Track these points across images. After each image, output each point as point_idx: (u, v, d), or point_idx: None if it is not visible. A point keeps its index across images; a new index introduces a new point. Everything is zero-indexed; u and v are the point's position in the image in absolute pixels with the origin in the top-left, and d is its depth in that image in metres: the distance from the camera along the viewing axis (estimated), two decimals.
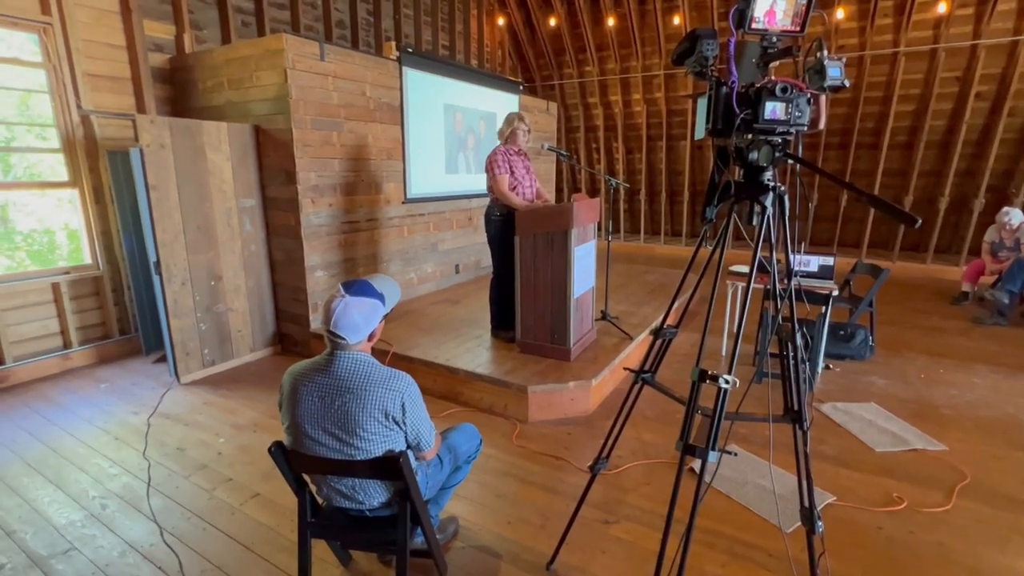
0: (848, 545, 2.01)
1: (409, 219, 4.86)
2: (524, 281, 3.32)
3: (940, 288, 6.19)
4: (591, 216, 3.43)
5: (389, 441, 1.42)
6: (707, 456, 1.16)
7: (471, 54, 7.85)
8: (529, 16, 8.32)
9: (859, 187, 1.10)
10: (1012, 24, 5.96)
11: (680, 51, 1.19)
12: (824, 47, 1.08)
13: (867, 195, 1.04)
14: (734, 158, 1.20)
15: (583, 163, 9.50)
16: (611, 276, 5.42)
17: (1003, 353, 4.07)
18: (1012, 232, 5.22)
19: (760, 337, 3.51)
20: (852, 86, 6.99)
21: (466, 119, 5.45)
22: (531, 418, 2.98)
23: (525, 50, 8.84)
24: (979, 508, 2.21)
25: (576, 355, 3.35)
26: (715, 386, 1.14)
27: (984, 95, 6.48)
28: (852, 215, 7.78)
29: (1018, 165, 6.71)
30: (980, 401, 3.24)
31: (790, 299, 1.22)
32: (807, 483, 1.32)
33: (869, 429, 2.87)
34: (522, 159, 3.58)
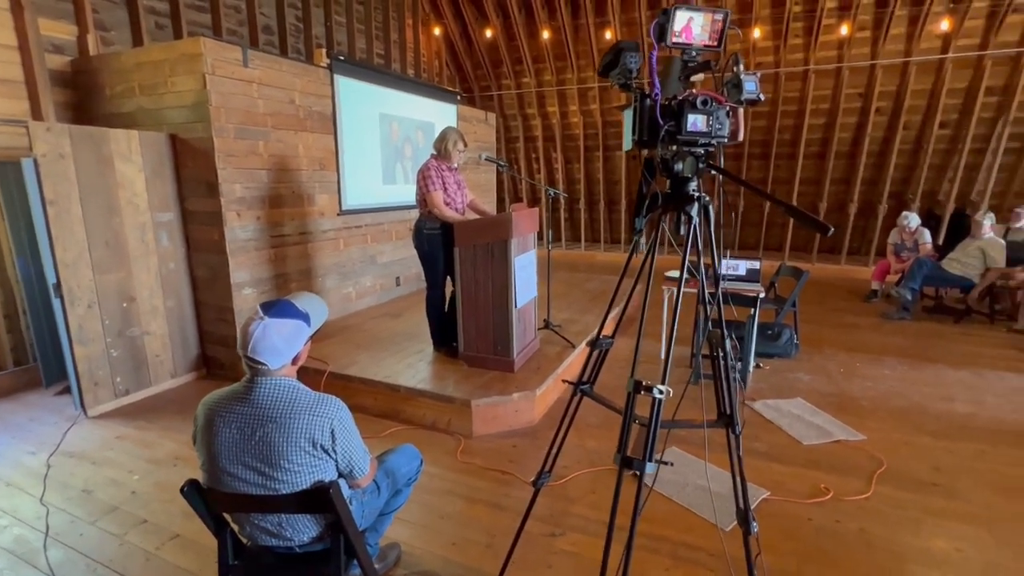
0: (782, 538, 2.08)
1: (345, 231, 4.69)
2: (465, 293, 3.27)
3: (854, 287, 6.70)
4: (530, 226, 3.44)
5: (318, 471, 1.33)
6: (644, 468, 1.16)
7: (407, 63, 7.75)
8: (465, 27, 8.34)
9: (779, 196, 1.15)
10: (903, 47, 6.60)
11: (605, 63, 1.20)
12: (740, 62, 1.12)
13: (785, 205, 1.09)
14: (660, 169, 1.22)
15: (523, 173, 9.59)
16: (553, 285, 5.47)
17: (909, 346, 4.44)
18: (911, 234, 5.73)
19: (695, 340, 3.63)
20: (770, 100, 7.48)
21: (403, 129, 5.36)
22: (476, 432, 2.92)
23: (462, 60, 8.84)
24: (895, 493, 2.37)
25: (520, 365, 3.33)
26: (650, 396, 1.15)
27: (883, 110, 7.12)
28: (775, 220, 8.29)
29: (913, 174, 7.41)
30: (891, 391, 3.50)
31: (718, 304, 1.25)
32: (741, 485, 1.35)
33: (797, 424, 3.03)
34: (454, 174, 3.54)
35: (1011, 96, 6.45)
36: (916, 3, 6.25)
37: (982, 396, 3.41)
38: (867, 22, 6.59)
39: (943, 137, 7.05)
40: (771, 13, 6.88)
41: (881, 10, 6.42)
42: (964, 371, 3.85)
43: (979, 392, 3.48)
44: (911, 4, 6.29)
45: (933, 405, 3.28)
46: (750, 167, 8.13)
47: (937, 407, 3.26)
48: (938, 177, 7.38)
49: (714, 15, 1.12)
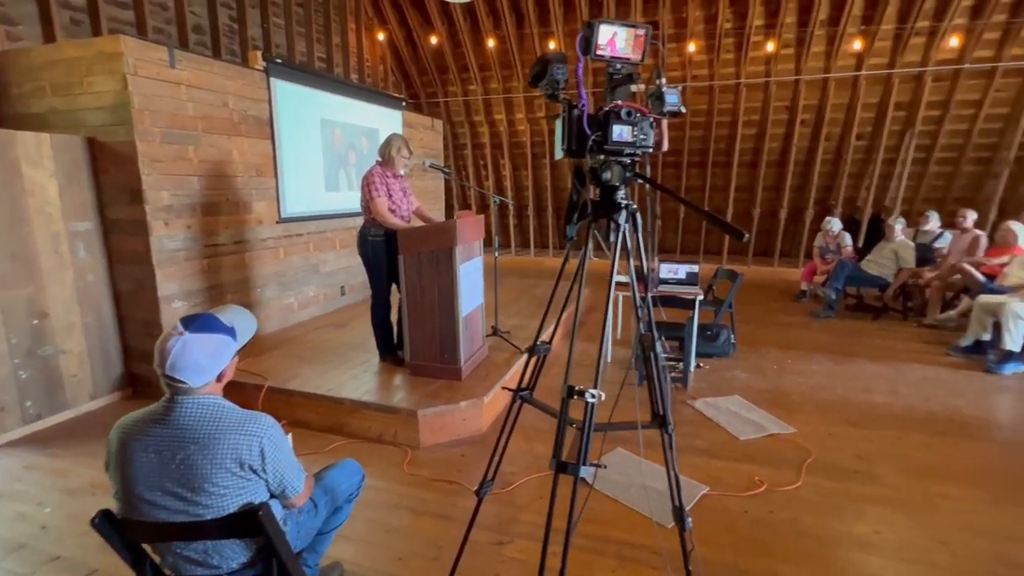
0: (720, 532, 2.17)
1: (286, 240, 4.52)
2: (410, 301, 3.22)
3: (786, 288, 7.10)
4: (476, 233, 3.44)
5: (246, 493, 1.26)
6: (578, 472, 1.17)
7: (351, 68, 7.60)
8: (410, 32, 8.28)
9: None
10: (823, 63, 7.09)
11: (534, 74, 1.22)
12: (662, 76, 1.17)
13: (702, 212, 1.14)
14: (590, 178, 1.25)
15: (472, 180, 9.60)
16: (502, 291, 5.48)
17: (834, 342, 4.75)
18: (834, 238, 6.15)
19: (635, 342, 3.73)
20: (705, 111, 7.86)
21: (346, 135, 5.24)
22: (423, 443, 2.87)
23: (408, 66, 8.77)
24: (822, 482, 2.51)
25: (468, 373, 3.31)
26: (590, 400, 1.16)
27: (807, 122, 7.62)
28: (714, 226, 8.67)
29: (835, 181, 7.96)
30: (819, 386, 3.73)
31: (648, 308, 1.29)
32: (675, 484, 1.39)
33: (734, 420, 3.16)
34: (399, 181, 3.50)
35: (915, 111, 7.06)
36: (833, 24, 6.75)
37: (897, 387, 3.69)
38: (791, 40, 7.05)
39: (860, 148, 7.62)
40: (704, 29, 7.23)
41: (803, 29, 6.88)
42: (882, 364, 4.15)
43: (894, 383, 3.76)
44: (828, 25, 6.78)
45: (855, 397, 3.52)
46: (689, 175, 8.48)
47: (858, 399, 3.50)
48: (857, 185, 7.97)
49: (636, 30, 1.16)
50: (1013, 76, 6.62)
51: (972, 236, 5.47)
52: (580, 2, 7.19)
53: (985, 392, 3.62)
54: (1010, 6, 6.17)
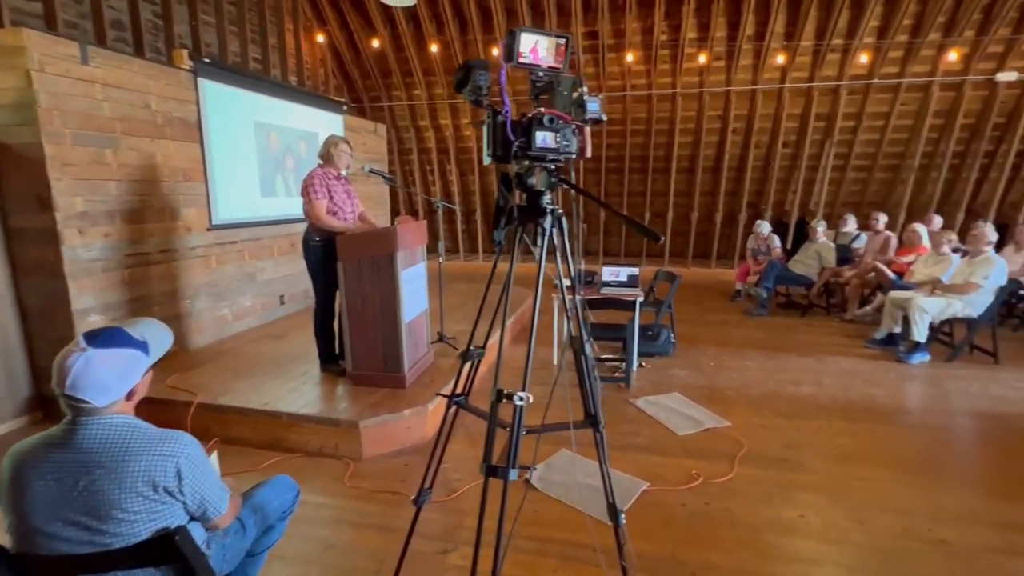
0: (660, 526, 2.23)
1: (218, 248, 4.31)
2: (351, 309, 3.14)
3: (722, 288, 7.44)
4: (418, 239, 3.40)
5: (162, 517, 1.18)
6: (508, 475, 1.18)
7: (289, 70, 7.36)
8: (351, 36, 8.11)
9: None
10: (751, 76, 7.52)
11: (457, 80, 1.23)
12: (583, 84, 1.20)
13: (621, 216, 1.18)
14: (516, 183, 1.27)
15: (418, 186, 9.50)
16: (449, 296, 5.44)
17: (766, 338, 5.02)
18: (764, 240, 6.51)
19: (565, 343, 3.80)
20: (644, 119, 8.14)
21: (283, 139, 5.07)
22: (365, 454, 2.80)
23: (350, 69, 8.59)
24: (753, 472, 2.64)
25: (412, 381, 3.26)
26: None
27: (738, 131, 8.05)
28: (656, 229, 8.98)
29: (765, 187, 8.44)
30: (752, 381, 3.92)
31: (577, 311, 1.32)
32: (608, 482, 1.43)
33: (674, 417, 3.28)
34: (342, 183, 3.41)
35: (833, 122, 7.61)
36: (759, 39, 7.17)
37: (821, 378, 3.95)
38: (722, 53, 7.43)
39: (786, 155, 8.13)
40: (642, 40, 7.50)
41: (731, 43, 7.28)
42: (808, 358, 4.42)
43: (819, 375, 4.01)
44: (755, 40, 7.20)
45: (784, 390, 3.73)
46: (631, 181, 8.76)
47: (787, 391, 3.71)
48: (784, 190, 8.48)
49: (557, 39, 1.19)
50: (915, 91, 7.26)
51: (884, 237, 5.94)
52: (522, 10, 7.29)
53: (897, 380, 3.93)
54: (910, 28, 6.77)
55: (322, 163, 3.36)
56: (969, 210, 7.89)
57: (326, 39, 8.14)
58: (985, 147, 7.46)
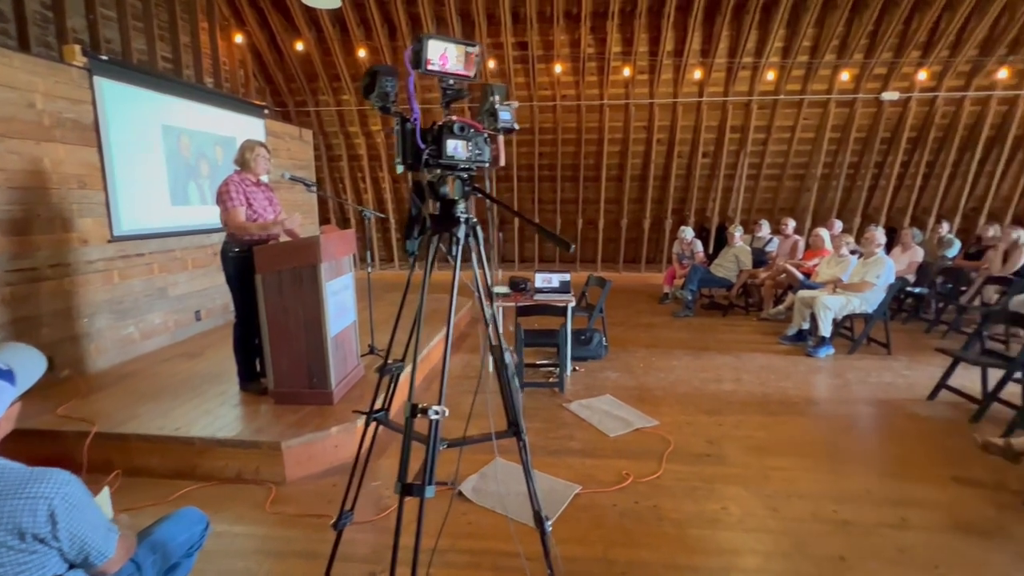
0: (591, 528, 2.26)
1: (121, 261, 3.96)
2: (272, 323, 2.98)
3: (652, 291, 7.74)
4: (344, 248, 3.29)
5: (32, 568, 1.05)
6: (424, 493, 1.15)
7: (204, 71, 6.93)
8: (274, 37, 7.77)
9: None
10: (671, 89, 7.92)
11: (364, 86, 1.19)
12: (495, 93, 1.21)
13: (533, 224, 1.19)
14: (428, 192, 1.25)
15: (349, 194, 9.22)
16: (383, 307, 5.30)
17: (692, 339, 5.26)
18: (688, 245, 6.85)
19: (519, 350, 3.82)
20: (575, 129, 8.36)
21: (196, 144, 4.75)
22: (289, 477, 2.65)
23: (273, 72, 8.22)
24: (679, 468, 2.75)
25: (340, 396, 3.13)
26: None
27: (662, 141, 8.44)
28: (588, 236, 9.24)
29: (688, 194, 8.89)
30: (678, 380, 4.09)
31: (494, 320, 1.31)
32: (532, 489, 1.43)
33: (606, 419, 3.35)
34: (262, 190, 3.24)
35: (747, 134, 8.17)
36: (678, 55, 7.58)
37: (740, 375, 4.18)
38: (644, 67, 7.78)
39: (705, 165, 8.62)
40: (570, 52, 7.72)
41: (653, 58, 7.64)
42: (729, 356, 4.68)
43: (738, 372, 4.26)
44: (674, 55, 7.60)
45: (707, 387, 3.92)
46: (563, 188, 8.95)
47: (710, 388, 3.90)
48: (705, 197, 8.98)
49: (467, 47, 1.19)
50: (815, 107, 7.94)
51: (793, 241, 6.42)
52: (452, 18, 7.29)
53: (806, 373, 4.24)
54: (809, 50, 7.41)
55: (239, 169, 3.18)
56: (864, 215, 8.71)
57: (245, 40, 7.75)
58: (875, 159, 8.28)
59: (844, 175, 8.44)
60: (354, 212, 9.37)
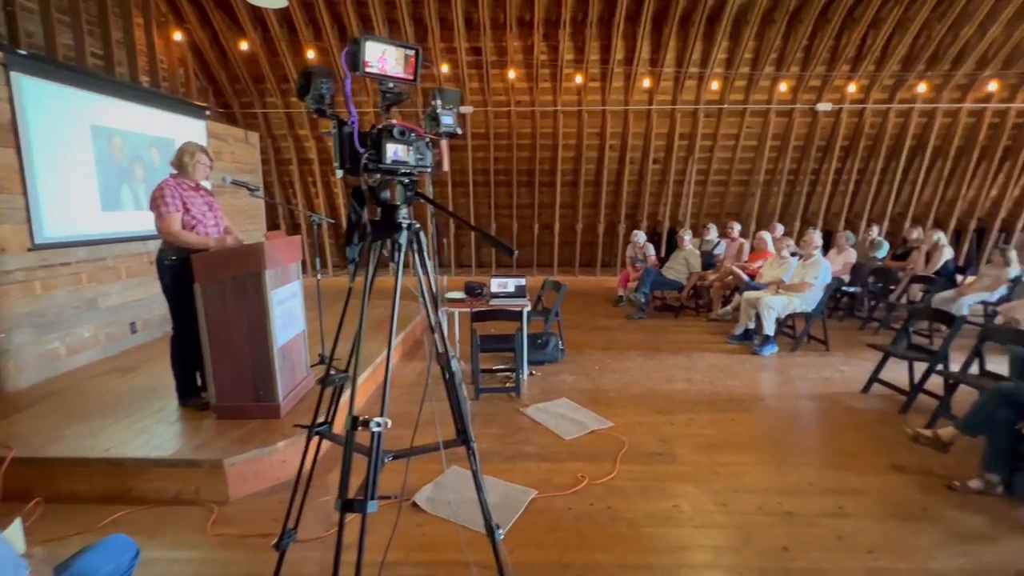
0: (547, 532, 2.26)
1: (44, 271, 3.68)
2: (213, 334, 2.83)
3: (607, 295, 7.88)
4: (291, 255, 3.18)
5: None
6: (366, 508, 1.11)
7: (140, 69, 6.55)
8: (216, 36, 7.46)
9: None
10: (623, 97, 8.12)
11: (299, 87, 1.15)
12: (438, 97, 1.19)
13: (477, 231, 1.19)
14: (368, 197, 1.22)
15: (300, 199, 8.94)
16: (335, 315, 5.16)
17: (645, 340, 5.38)
18: (641, 248, 7.02)
19: (472, 358, 3.79)
20: (529, 134, 8.42)
21: (129, 145, 4.49)
22: (233, 496, 2.52)
23: (216, 72, 7.88)
24: (632, 468, 2.79)
25: (289, 409, 3.01)
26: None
27: (615, 147, 8.63)
28: (544, 240, 9.33)
29: (640, 199, 9.12)
30: (632, 381, 4.17)
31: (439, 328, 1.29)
32: (482, 499, 1.41)
33: (562, 422, 3.37)
34: (201, 194, 3.09)
35: (694, 141, 8.46)
36: (628, 63, 7.78)
37: (691, 374, 4.31)
38: (596, 74, 7.94)
39: (656, 171, 8.86)
40: (523, 59, 7.78)
41: (605, 66, 7.81)
42: (680, 356, 4.81)
43: (689, 371, 4.38)
44: (625, 64, 7.79)
45: (659, 387, 4.01)
46: (519, 194, 9.00)
47: (662, 388, 3.99)
48: (657, 202, 9.24)
49: (407, 50, 1.17)
50: (757, 116, 8.32)
51: (738, 244, 6.69)
52: (404, 21, 7.22)
53: (752, 371, 4.41)
54: (750, 62, 7.76)
55: (175, 172, 3.02)
56: (803, 219, 9.18)
57: (185, 38, 7.39)
58: (812, 166, 8.75)
59: (784, 181, 8.88)
60: (304, 217, 9.09)
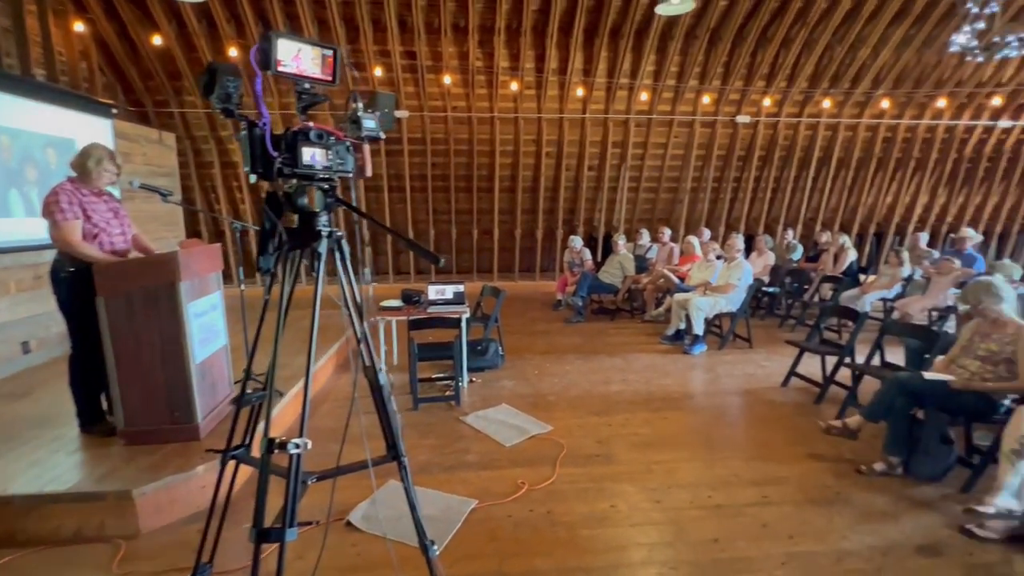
0: (487, 542, 2.24)
1: None
2: (120, 353, 2.59)
3: (546, 299, 7.97)
4: (210, 265, 2.97)
5: None
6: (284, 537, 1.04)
7: (33, 62, 5.93)
8: (125, 28, 6.90)
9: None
10: (558, 105, 8.28)
11: (203, 84, 1.07)
12: (359, 100, 1.14)
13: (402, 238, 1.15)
14: (286, 204, 1.15)
15: (224, 204, 8.42)
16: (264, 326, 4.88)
17: (583, 343, 5.49)
18: (577, 253, 7.17)
19: (410, 367, 3.71)
20: (467, 140, 8.41)
21: (21, 145, 4.05)
22: (144, 529, 2.31)
23: (125, 67, 7.28)
24: (571, 471, 2.82)
25: (209, 430, 2.81)
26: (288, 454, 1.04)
27: (551, 154, 8.78)
28: (483, 246, 9.32)
29: (576, 205, 9.33)
30: (571, 384, 4.23)
31: (366, 340, 1.24)
32: (415, 517, 1.36)
33: (502, 428, 3.35)
34: (104, 200, 2.83)
35: (626, 149, 8.77)
36: (562, 72, 7.95)
37: (627, 375, 4.43)
38: (532, 82, 8.05)
39: (591, 178, 9.11)
40: (459, 65, 7.76)
41: (540, 75, 7.94)
42: (617, 357, 4.94)
43: (625, 373, 4.51)
44: (559, 73, 7.96)
45: (597, 389, 4.10)
46: (457, 199, 8.95)
47: (599, 390, 4.08)
48: (592, 208, 9.48)
49: (323, 50, 1.12)
50: (683, 127, 8.75)
51: (669, 248, 6.99)
52: (335, 23, 7.00)
53: (683, 370, 4.60)
54: (676, 74, 8.16)
55: (74, 176, 2.74)
56: (727, 224, 9.75)
57: (89, 29, 6.78)
58: (734, 174, 9.31)
59: (710, 188, 9.39)
60: (228, 224, 8.57)
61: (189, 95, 7.65)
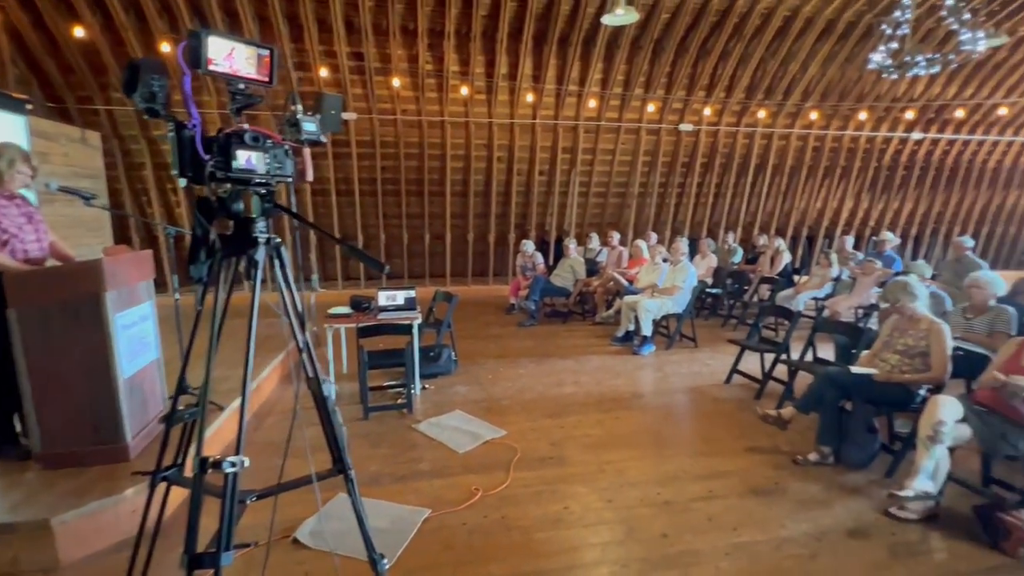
0: (440, 551, 2.20)
1: None
2: (35, 370, 2.38)
3: (499, 303, 7.97)
4: (139, 273, 2.79)
5: None
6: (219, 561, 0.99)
7: None
8: (41, 19, 6.38)
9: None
10: (508, 110, 8.34)
11: (124, 81, 1.00)
12: (298, 102, 1.11)
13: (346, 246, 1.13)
14: (219, 209, 1.10)
15: (156, 208, 7.93)
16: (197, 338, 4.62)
17: (535, 346, 5.53)
18: (530, 257, 7.23)
19: (360, 376, 3.62)
20: (417, 143, 8.31)
21: None
22: (65, 561, 2.13)
23: (42, 60, 6.74)
24: (525, 475, 2.83)
25: (140, 449, 2.63)
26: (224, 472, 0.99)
27: (502, 159, 8.81)
28: (435, 251, 9.23)
29: (528, 209, 9.41)
30: (524, 387, 4.25)
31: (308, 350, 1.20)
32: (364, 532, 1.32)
33: (455, 435, 3.32)
34: (16, 204, 2.60)
35: (576, 155, 8.94)
36: (512, 78, 8.01)
37: (579, 377, 4.50)
38: (482, 87, 8.07)
39: (542, 182, 9.21)
40: (408, 68, 7.67)
41: (490, 80, 7.96)
42: (569, 360, 5.01)
43: (577, 374, 4.57)
44: (509, 78, 8.01)
45: (550, 391, 4.14)
46: (408, 203, 8.82)
47: (552, 392, 4.12)
48: (544, 212, 9.59)
49: (259, 49, 1.07)
50: (630, 134, 9.01)
51: (618, 252, 7.16)
52: (277, 22, 6.76)
53: (633, 370, 4.72)
54: (623, 83, 8.40)
55: None
56: (672, 228, 10.10)
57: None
58: (678, 180, 9.67)
59: (656, 193, 9.70)
60: (162, 229, 8.08)
61: (116, 91, 7.16)
